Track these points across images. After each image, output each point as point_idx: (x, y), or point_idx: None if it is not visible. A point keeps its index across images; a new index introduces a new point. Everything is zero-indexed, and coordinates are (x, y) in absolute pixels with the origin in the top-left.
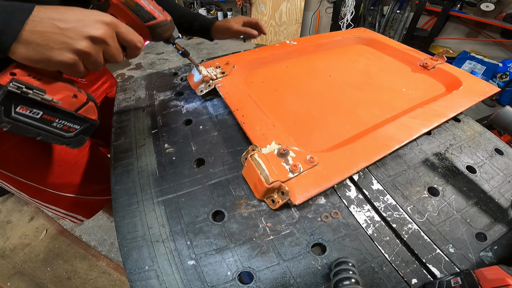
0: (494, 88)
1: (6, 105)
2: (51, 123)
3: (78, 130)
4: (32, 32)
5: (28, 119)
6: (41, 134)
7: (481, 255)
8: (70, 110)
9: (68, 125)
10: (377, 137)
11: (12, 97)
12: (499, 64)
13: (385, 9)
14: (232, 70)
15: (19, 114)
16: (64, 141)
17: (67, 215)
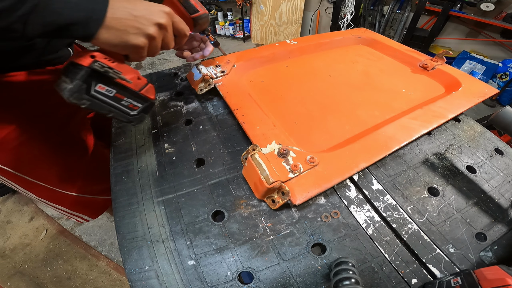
0: (493, 89)
1: (88, 83)
2: (120, 101)
3: (140, 108)
4: (112, 18)
5: (103, 97)
6: (112, 111)
7: (481, 255)
8: (135, 89)
9: (133, 103)
10: (377, 138)
11: (93, 76)
12: (499, 64)
13: (385, 9)
14: (232, 69)
15: (97, 92)
16: (129, 118)
17: (73, 215)
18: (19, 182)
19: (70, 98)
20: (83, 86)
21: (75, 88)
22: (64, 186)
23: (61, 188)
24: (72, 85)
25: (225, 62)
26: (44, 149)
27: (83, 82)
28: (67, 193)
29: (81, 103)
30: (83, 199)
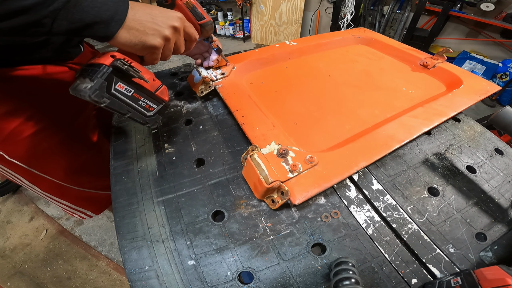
0: (495, 86)
1: (109, 81)
2: (138, 101)
3: (156, 110)
4: (133, 19)
5: (122, 96)
6: (130, 111)
7: (481, 255)
8: (151, 90)
9: (149, 104)
10: (377, 137)
11: (114, 74)
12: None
13: (385, 9)
14: (232, 71)
15: (116, 91)
16: (145, 119)
17: (77, 210)
18: (26, 176)
19: (91, 96)
20: (104, 84)
21: (97, 86)
22: (70, 181)
23: (67, 182)
24: (93, 83)
25: (225, 64)
26: (53, 143)
27: (104, 80)
28: (72, 187)
29: (101, 102)
30: (88, 194)
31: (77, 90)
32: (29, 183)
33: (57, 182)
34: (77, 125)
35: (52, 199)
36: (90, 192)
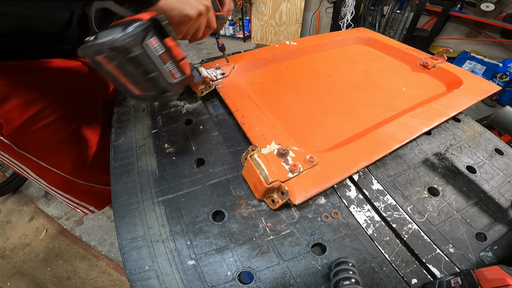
0: (495, 86)
1: (145, 33)
2: (164, 64)
3: (178, 79)
4: None
5: (152, 52)
6: (156, 70)
7: (481, 255)
8: (177, 58)
9: (173, 71)
10: (377, 137)
11: (151, 29)
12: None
13: (385, 9)
14: (232, 71)
15: (149, 45)
16: (167, 86)
17: (80, 205)
18: (33, 168)
19: (126, 40)
20: (140, 33)
21: (133, 33)
22: (76, 174)
23: (73, 176)
24: (128, 31)
25: (225, 64)
26: (62, 136)
27: (141, 30)
28: (77, 181)
29: (133, 50)
30: (92, 188)
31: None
32: (36, 175)
33: (63, 175)
34: (86, 119)
35: (56, 193)
36: (94, 187)
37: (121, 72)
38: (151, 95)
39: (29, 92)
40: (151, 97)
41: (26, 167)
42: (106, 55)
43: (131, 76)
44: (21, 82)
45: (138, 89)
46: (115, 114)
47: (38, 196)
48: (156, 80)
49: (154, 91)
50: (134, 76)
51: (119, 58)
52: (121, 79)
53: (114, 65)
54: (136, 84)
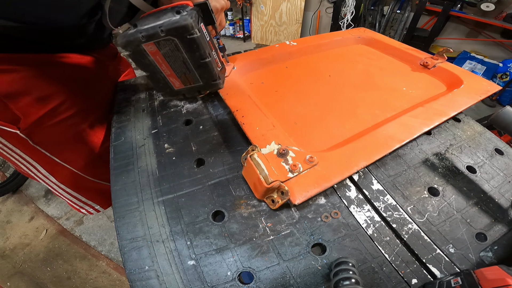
0: (495, 86)
1: (198, 17)
2: (212, 50)
3: (221, 68)
4: None
5: (203, 36)
6: (211, 55)
7: (481, 255)
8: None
9: (217, 59)
10: (377, 137)
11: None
12: (499, 64)
13: (385, 9)
14: (232, 71)
15: (200, 30)
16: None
17: (86, 204)
18: (44, 164)
19: (190, 20)
20: (196, 15)
21: (192, 14)
22: (87, 171)
23: (85, 172)
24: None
25: (225, 64)
26: (78, 131)
27: (196, 12)
28: (88, 178)
29: (193, 32)
30: (101, 186)
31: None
32: (46, 172)
33: (74, 171)
34: (99, 115)
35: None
36: (103, 184)
37: (169, 61)
38: (197, 87)
39: (48, 86)
40: (197, 89)
41: (37, 163)
42: (158, 41)
43: (181, 64)
44: (41, 76)
45: (182, 81)
46: (114, 114)
47: (38, 196)
48: (211, 65)
49: (203, 80)
50: (184, 64)
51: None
52: (165, 71)
53: (163, 53)
54: (182, 76)
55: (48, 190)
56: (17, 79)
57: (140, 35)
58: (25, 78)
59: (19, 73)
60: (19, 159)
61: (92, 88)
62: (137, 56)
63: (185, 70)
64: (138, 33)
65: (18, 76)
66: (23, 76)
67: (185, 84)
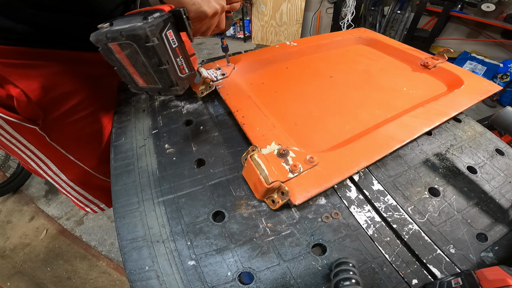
0: (496, 86)
1: (164, 25)
2: (177, 57)
3: (186, 74)
4: None
5: (168, 44)
6: (169, 62)
7: (482, 256)
8: (188, 53)
9: (184, 65)
10: (377, 137)
11: (171, 20)
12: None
13: (386, 10)
14: (233, 71)
15: (166, 37)
16: (177, 79)
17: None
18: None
19: (147, 29)
20: (161, 23)
21: (154, 22)
22: (99, 169)
23: (96, 170)
24: (150, 20)
25: (225, 64)
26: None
27: (162, 20)
28: (98, 176)
29: (151, 40)
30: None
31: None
32: (57, 169)
33: (86, 169)
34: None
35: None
36: None
37: (131, 61)
38: (155, 88)
39: (71, 83)
40: (155, 90)
41: (50, 160)
42: (120, 43)
43: (142, 66)
44: (66, 73)
45: (144, 80)
46: (115, 114)
47: (39, 196)
48: (167, 73)
49: (161, 84)
50: (144, 67)
51: (134, 47)
52: (129, 69)
53: (125, 54)
54: (143, 75)
55: (48, 190)
56: (45, 74)
57: (106, 35)
58: (52, 74)
59: (48, 68)
60: (31, 155)
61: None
62: (105, 52)
63: (145, 71)
64: (105, 34)
65: (46, 71)
66: (50, 72)
67: (147, 84)
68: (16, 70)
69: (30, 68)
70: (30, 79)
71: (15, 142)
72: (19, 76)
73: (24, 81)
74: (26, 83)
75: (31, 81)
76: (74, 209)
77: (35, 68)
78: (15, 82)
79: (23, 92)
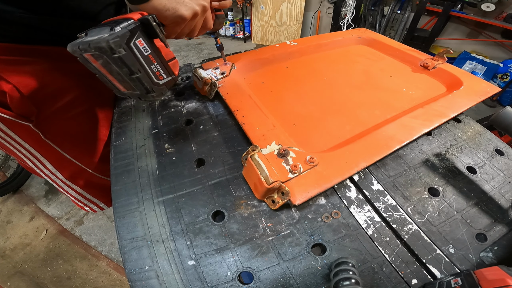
0: (495, 88)
1: (132, 34)
2: (151, 64)
3: (164, 81)
4: None
5: (139, 53)
6: (141, 71)
7: (481, 256)
8: (166, 59)
9: (160, 71)
10: (377, 137)
11: (139, 29)
12: (500, 65)
13: (386, 10)
14: (233, 70)
15: (135, 46)
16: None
17: (90, 202)
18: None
19: (110, 41)
20: (127, 34)
21: (119, 33)
22: (95, 167)
23: (93, 169)
24: (115, 31)
25: (223, 63)
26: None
27: (128, 30)
28: (96, 174)
29: (117, 51)
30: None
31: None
32: (53, 167)
33: (83, 168)
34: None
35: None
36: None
37: (107, 70)
38: (135, 94)
39: (67, 79)
40: (136, 96)
41: (46, 158)
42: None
43: (117, 74)
44: (58, 69)
45: (124, 87)
46: (115, 114)
47: (39, 196)
48: (141, 81)
49: (138, 91)
50: (119, 75)
51: (105, 58)
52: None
53: (100, 64)
54: (121, 82)
55: (48, 190)
56: (37, 70)
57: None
58: (44, 71)
59: (40, 65)
60: (26, 154)
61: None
62: (83, 61)
63: (121, 79)
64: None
65: (38, 68)
66: (43, 68)
67: (127, 89)
68: (8, 66)
69: (22, 65)
70: (22, 75)
71: (10, 140)
72: (10, 72)
73: (16, 77)
74: (18, 78)
75: (23, 77)
76: (74, 209)
77: (27, 64)
78: (7, 78)
79: (15, 88)
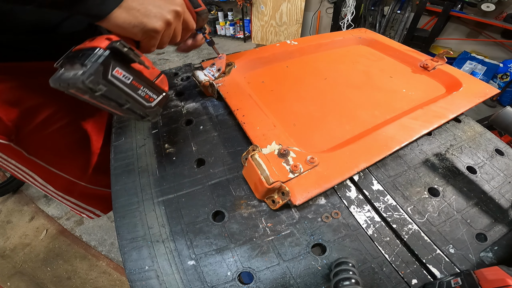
0: (493, 89)
1: (106, 66)
2: (137, 90)
3: (156, 101)
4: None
5: (120, 84)
6: (129, 101)
7: (481, 256)
8: (151, 79)
9: (149, 94)
10: (377, 138)
11: (111, 58)
12: (500, 65)
13: (386, 10)
14: (233, 69)
15: (114, 77)
16: (145, 111)
17: (86, 210)
18: (41, 174)
19: (86, 82)
20: (100, 68)
21: (92, 70)
22: (84, 178)
23: (82, 180)
24: (86, 68)
25: (217, 58)
26: (73, 139)
27: (100, 64)
28: (85, 185)
29: (97, 89)
30: (100, 192)
31: (63, 79)
32: (43, 181)
33: (72, 180)
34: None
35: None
36: (102, 190)
37: (97, 102)
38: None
39: (41, 94)
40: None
41: (34, 173)
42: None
43: (108, 106)
44: (34, 84)
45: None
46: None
47: (39, 196)
48: (132, 109)
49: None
50: (110, 107)
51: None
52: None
53: (88, 97)
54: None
55: None
56: (7, 89)
57: (59, 84)
58: (15, 88)
59: (9, 82)
60: (15, 169)
61: None
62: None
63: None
64: (58, 83)
65: (8, 86)
66: (13, 85)
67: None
68: None
69: None
70: None
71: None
72: None
73: None
74: None
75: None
76: None
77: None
78: None
79: None
